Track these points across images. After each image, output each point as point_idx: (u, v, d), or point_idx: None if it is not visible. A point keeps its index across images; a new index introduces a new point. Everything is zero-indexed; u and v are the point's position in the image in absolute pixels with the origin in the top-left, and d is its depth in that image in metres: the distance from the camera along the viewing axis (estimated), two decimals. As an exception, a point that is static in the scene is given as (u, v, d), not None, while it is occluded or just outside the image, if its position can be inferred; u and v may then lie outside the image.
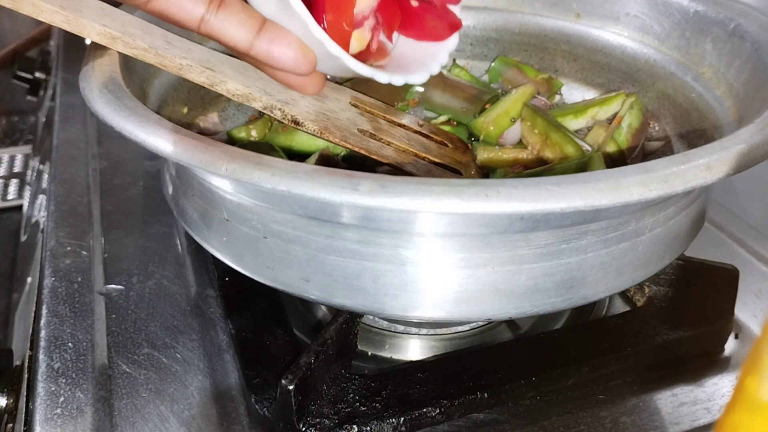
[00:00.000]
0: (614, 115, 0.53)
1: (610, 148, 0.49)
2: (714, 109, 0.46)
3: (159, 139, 0.32)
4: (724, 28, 0.47)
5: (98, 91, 0.36)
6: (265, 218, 0.35)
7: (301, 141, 0.50)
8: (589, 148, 0.48)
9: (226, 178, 0.30)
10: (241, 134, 0.52)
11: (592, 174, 0.29)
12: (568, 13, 0.58)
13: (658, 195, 0.28)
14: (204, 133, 0.52)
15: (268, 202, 0.35)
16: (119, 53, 0.40)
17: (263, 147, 0.49)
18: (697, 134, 0.47)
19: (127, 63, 0.41)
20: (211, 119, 0.54)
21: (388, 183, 0.28)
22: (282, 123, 0.45)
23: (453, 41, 0.46)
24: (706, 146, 0.31)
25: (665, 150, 0.50)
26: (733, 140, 0.32)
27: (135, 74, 0.43)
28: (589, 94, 0.58)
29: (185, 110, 0.51)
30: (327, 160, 0.47)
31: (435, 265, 0.33)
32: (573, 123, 0.54)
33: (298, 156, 0.50)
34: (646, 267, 0.37)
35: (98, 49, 0.40)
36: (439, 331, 0.46)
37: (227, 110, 0.55)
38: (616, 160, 0.49)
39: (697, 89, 0.48)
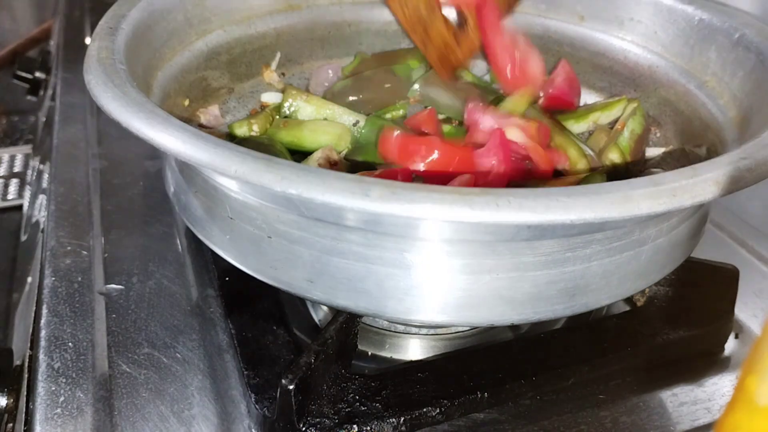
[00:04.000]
0: (615, 121, 0.53)
1: (613, 153, 0.49)
2: (717, 118, 0.46)
3: (168, 137, 0.31)
4: (728, 38, 0.47)
5: (104, 84, 0.36)
6: (269, 218, 0.35)
7: (303, 137, 0.50)
8: (592, 153, 0.48)
9: (236, 179, 0.30)
10: (242, 128, 0.51)
11: (601, 186, 0.29)
12: (571, 16, 0.57)
13: (667, 209, 0.29)
14: (204, 126, 0.51)
15: (274, 202, 0.34)
16: (123, 43, 0.40)
17: (264, 142, 0.49)
18: (698, 143, 0.47)
19: (131, 54, 0.41)
20: (212, 112, 0.53)
21: (398, 190, 0.28)
22: (283, 118, 0.44)
23: None
24: (714, 160, 0.32)
25: (666, 157, 0.50)
26: (740, 155, 0.32)
27: (139, 66, 0.42)
28: (591, 97, 0.58)
29: (186, 102, 0.50)
30: (329, 160, 0.47)
31: (439, 270, 0.33)
32: (575, 127, 0.54)
33: (299, 152, 0.50)
34: (647, 276, 0.37)
35: (101, 41, 0.40)
36: (439, 331, 0.46)
37: (228, 103, 0.55)
38: (619, 166, 0.49)
39: (700, 97, 0.48)
